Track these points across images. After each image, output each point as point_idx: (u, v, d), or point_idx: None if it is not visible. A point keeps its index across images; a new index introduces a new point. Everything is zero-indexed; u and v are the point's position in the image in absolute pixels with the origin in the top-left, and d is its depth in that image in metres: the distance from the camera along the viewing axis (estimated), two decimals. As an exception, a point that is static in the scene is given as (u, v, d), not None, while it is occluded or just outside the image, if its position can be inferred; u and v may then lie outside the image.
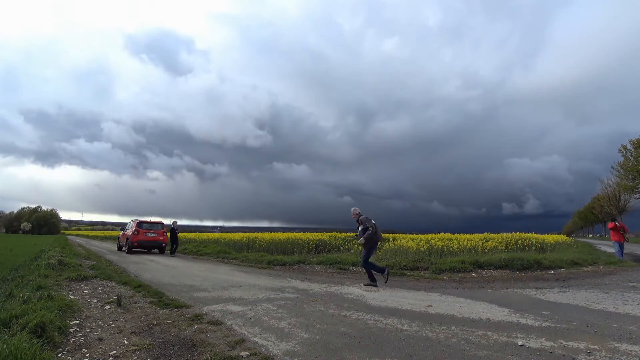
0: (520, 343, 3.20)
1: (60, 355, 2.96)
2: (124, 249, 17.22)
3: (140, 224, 16.35)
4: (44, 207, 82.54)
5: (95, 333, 3.57)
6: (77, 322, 3.94)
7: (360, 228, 6.84)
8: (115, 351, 3.05)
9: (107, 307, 4.74)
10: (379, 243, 8.14)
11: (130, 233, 16.25)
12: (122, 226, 24.85)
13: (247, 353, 2.97)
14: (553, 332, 3.58)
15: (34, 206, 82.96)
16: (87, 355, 2.97)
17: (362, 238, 6.63)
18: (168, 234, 16.58)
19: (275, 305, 4.86)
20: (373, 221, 6.85)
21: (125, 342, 3.30)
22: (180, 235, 26.89)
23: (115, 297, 5.14)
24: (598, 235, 64.32)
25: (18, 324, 3.28)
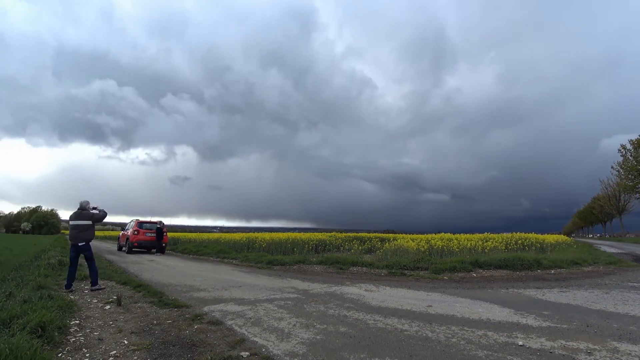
0: (520, 343, 3.20)
1: (60, 355, 2.96)
2: (124, 249, 17.24)
3: (140, 224, 16.37)
4: (43, 207, 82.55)
5: (95, 333, 3.57)
6: (77, 322, 3.95)
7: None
8: (115, 351, 3.05)
9: (107, 307, 4.75)
10: None
11: (130, 233, 16.26)
12: (122, 226, 24.85)
13: (247, 353, 2.97)
14: (553, 332, 3.58)
15: (33, 206, 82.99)
16: (87, 355, 2.97)
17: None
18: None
19: (275, 305, 4.85)
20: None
21: (125, 342, 3.30)
22: (180, 235, 27.03)
23: (115, 297, 5.15)
24: (598, 235, 64.36)
25: (18, 323, 3.28)
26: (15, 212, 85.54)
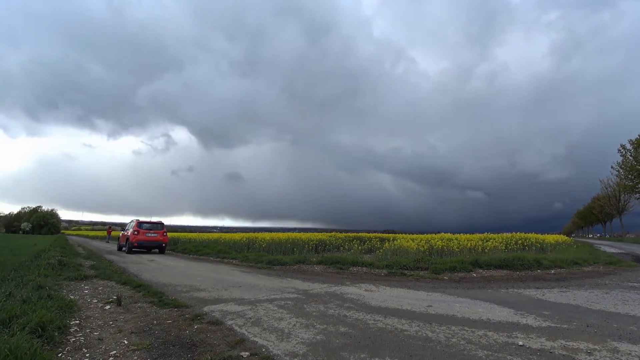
0: (520, 343, 3.20)
1: (60, 355, 2.96)
2: (124, 249, 17.24)
3: (140, 224, 16.39)
4: (43, 207, 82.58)
5: (96, 333, 3.57)
6: (77, 322, 3.94)
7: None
8: (115, 351, 3.05)
9: (107, 307, 4.74)
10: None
11: (130, 233, 16.26)
12: (123, 226, 24.85)
13: (247, 353, 2.97)
14: (553, 332, 3.58)
15: (33, 206, 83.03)
16: (87, 355, 2.96)
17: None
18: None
19: (275, 305, 4.85)
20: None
21: (125, 342, 3.30)
22: (180, 235, 27.03)
23: (115, 297, 5.14)
24: (598, 235, 64.37)
25: (18, 323, 3.27)
26: (15, 212, 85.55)
